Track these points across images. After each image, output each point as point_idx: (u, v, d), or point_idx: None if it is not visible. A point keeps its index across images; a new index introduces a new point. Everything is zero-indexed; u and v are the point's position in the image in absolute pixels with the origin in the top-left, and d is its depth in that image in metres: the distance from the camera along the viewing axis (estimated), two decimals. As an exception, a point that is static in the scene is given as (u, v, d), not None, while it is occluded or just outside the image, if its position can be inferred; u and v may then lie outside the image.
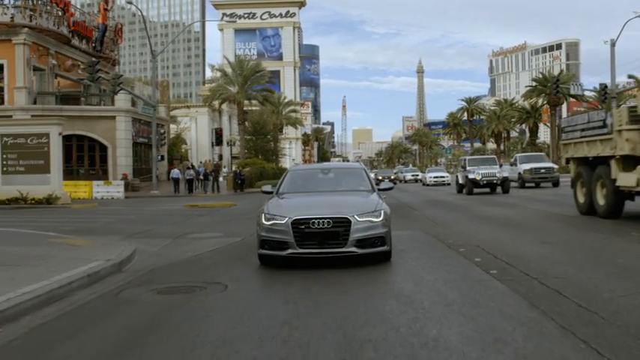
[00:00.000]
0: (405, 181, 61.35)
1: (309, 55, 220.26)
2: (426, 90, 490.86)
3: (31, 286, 7.22)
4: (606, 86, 41.57)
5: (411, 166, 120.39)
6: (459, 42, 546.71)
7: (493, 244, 10.83)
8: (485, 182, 29.07)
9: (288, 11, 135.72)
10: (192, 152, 77.27)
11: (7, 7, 42.22)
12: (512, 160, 36.36)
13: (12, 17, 42.20)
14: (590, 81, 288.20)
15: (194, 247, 12.26)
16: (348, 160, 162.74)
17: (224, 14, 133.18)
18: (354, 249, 8.54)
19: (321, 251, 8.54)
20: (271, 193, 10.60)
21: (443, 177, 47.86)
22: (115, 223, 18.72)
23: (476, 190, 29.61)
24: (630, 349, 4.57)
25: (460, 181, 31.42)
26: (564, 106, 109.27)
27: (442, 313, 5.91)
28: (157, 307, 6.71)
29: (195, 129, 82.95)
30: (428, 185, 46.54)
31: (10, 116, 39.66)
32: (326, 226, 8.44)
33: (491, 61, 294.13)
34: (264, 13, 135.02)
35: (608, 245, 10.46)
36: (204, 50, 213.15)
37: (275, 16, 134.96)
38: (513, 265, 8.48)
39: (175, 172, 40.36)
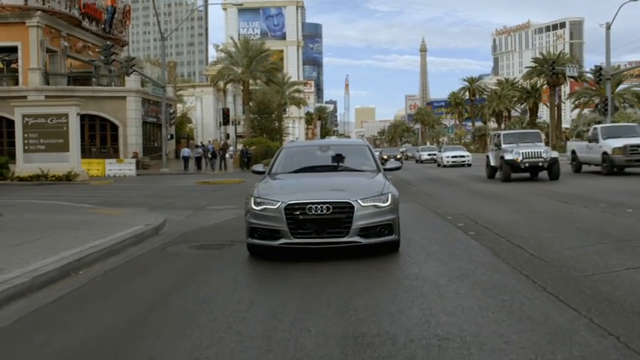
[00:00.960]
0: (421, 162, 53.45)
1: (312, 34, 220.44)
2: (430, 68, 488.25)
3: (94, 242, 8.92)
4: (601, 68, 42.88)
5: (428, 143, 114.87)
6: (463, 20, 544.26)
7: (477, 213, 12.52)
8: (527, 165, 22.05)
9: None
10: (197, 131, 78.76)
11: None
12: (589, 134, 26.98)
13: (26, 0, 43.53)
14: (594, 60, 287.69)
15: (215, 216, 13.95)
16: (348, 137, 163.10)
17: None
18: (357, 239, 7.55)
19: (319, 241, 7.58)
20: (263, 173, 9.63)
21: (463, 157, 41.33)
22: (136, 197, 20.42)
23: (514, 176, 22.86)
24: (557, 279, 6.25)
25: (492, 163, 24.38)
26: (567, 86, 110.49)
27: (423, 259, 7.60)
28: (198, 257, 8.42)
29: (200, 108, 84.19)
30: (445, 167, 40.16)
31: (25, 97, 41.21)
32: (325, 212, 7.45)
33: (494, 40, 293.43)
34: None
35: (574, 214, 12.11)
36: (207, 29, 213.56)
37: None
38: (489, 229, 10.16)
39: (186, 151, 42.11)
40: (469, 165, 40.00)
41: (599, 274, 6.43)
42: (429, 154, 53.81)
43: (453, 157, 41.47)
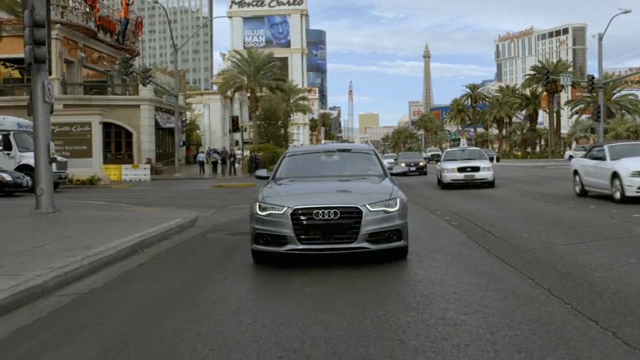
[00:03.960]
0: (444, 184, 24.01)
1: (315, 41, 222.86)
2: (435, 74, 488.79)
3: (148, 230, 11.08)
4: (594, 77, 45.01)
5: (463, 141, 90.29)
6: (468, 26, 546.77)
7: (463, 210, 14.67)
8: None
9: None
10: (205, 138, 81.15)
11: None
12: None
13: (46, 14, 45.96)
14: (596, 66, 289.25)
15: (237, 213, 16.07)
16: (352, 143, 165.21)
17: (233, 1, 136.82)
18: (365, 244, 7.43)
19: (327, 247, 7.47)
20: (267, 178, 9.53)
21: None
22: (161, 199, 22.57)
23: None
24: (508, 251, 8.40)
25: None
26: (569, 92, 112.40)
27: (412, 240, 9.62)
28: (234, 241, 10.58)
29: (208, 115, 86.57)
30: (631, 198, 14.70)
31: (45, 105, 43.54)
32: (332, 217, 7.32)
33: (497, 46, 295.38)
34: (272, 1, 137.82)
35: (545, 210, 14.24)
36: (211, 36, 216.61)
37: (283, 3, 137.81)
38: (469, 220, 12.31)
39: (201, 156, 44.47)
40: None
41: (541, 248, 8.58)
42: (464, 168, 23.80)
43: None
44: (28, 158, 26.23)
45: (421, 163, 37.79)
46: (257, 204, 7.89)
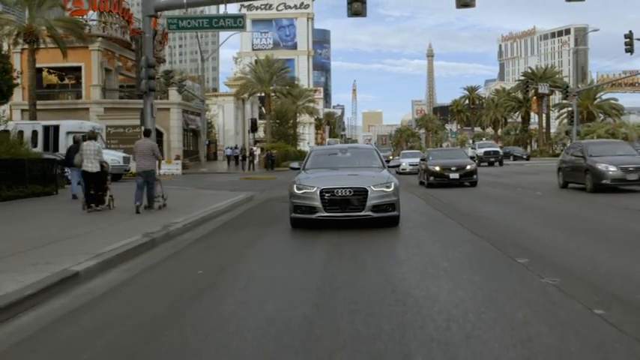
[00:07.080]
0: None
1: (320, 40, 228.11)
2: (441, 73, 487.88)
3: (229, 200, 17.53)
4: (568, 87, 51.33)
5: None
6: (474, 25, 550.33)
7: (442, 195, 21.06)
8: None
9: (302, 2, 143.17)
10: (219, 137, 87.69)
11: (86, 22, 52.48)
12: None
13: (89, 29, 52.56)
14: (598, 65, 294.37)
15: (278, 193, 22.29)
16: (355, 142, 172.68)
17: (242, 5, 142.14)
18: (370, 213, 10.72)
19: (343, 215, 10.85)
20: (298, 169, 13.06)
21: None
22: (210, 186, 28.83)
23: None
24: (448, 209, 14.85)
25: None
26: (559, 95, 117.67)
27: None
28: (286, 205, 16.96)
29: (222, 115, 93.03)
30: None
31: (87, 109, 50.16)
32: (347, 194, 10.62)
33: (500, 46, 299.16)
34: (279, 5, 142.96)
35: (503, 195, 20.63)
36: (218, 37, 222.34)
37: (290, 7, 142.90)
38: (442, 201, 18.63)
39: (229, 151, 51.16)
40: None
41: (487, 215, 14.95)
42: None
43: None
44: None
45: (468, 167, 24.75)
46: (295, 185, 11.47)
